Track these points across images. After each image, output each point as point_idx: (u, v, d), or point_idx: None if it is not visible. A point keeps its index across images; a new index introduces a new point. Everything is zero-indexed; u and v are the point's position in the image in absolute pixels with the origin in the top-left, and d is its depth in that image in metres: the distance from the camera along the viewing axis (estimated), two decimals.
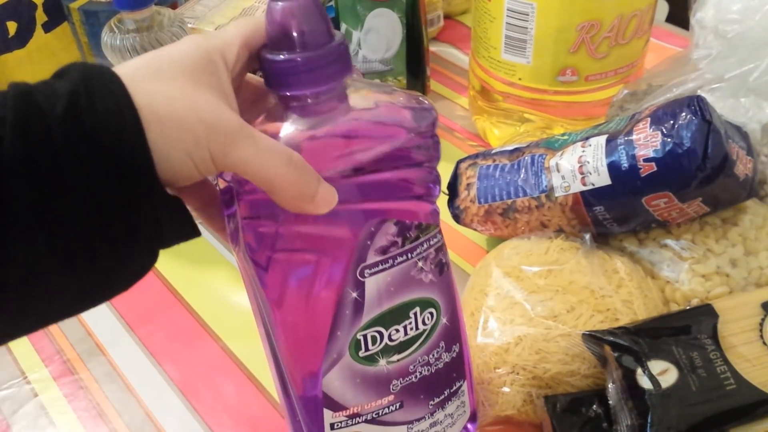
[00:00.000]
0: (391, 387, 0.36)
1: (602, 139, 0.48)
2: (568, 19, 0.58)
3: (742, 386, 0.40)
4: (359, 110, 0.33)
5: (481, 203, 0.54)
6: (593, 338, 0.43)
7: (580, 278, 0.47)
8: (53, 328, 0.56)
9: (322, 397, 0.35)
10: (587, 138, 0.50)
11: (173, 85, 0.27)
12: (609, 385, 0.42)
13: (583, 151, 0.49)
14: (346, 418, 0.36)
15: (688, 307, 0.46)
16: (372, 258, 0.33)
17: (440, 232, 0.36)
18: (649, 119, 0.47)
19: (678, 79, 0.55)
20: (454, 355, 0.38)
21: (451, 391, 0.39)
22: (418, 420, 0.38)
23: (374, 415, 0.36)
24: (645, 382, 0.40)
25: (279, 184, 0.28)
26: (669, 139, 0.45)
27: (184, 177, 0.27)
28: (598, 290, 0.46)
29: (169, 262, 0.61)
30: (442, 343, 0.37)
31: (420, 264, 0.34)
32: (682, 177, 0.45)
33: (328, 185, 0.30)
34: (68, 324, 0.56)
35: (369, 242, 0.32)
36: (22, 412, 0.50)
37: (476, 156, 0.57)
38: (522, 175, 0.52)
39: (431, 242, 0.35)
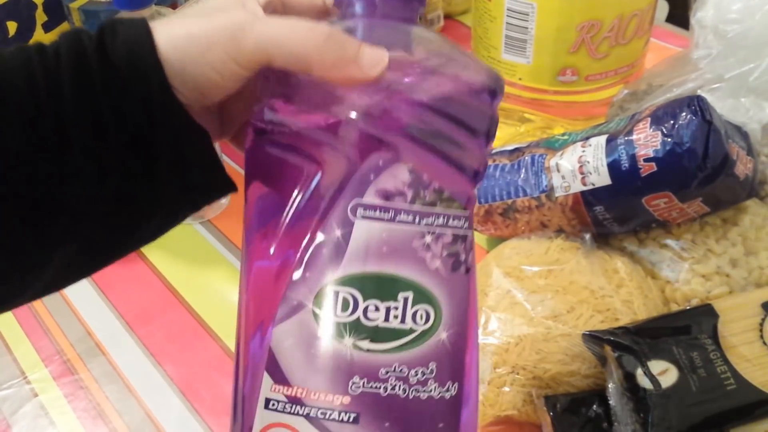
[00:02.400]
0: (350, 385, 0.28)
1: (602, 139, 0.48)
2: (568, 19, 0.58)
3: (742, 386, 0.39)
4: (420, 48, 0.30)
5: (481, 203, 0.53)
6: (593, 338, 0.43)
7: (580, 278, 0.47)
8: (53, 328, 0.56)
9: (267, 355, 0.28)
10: (587, 138, 0.50)
11: (193, 14, 0.28)
12: (609, 385, 0.42)
13: (584, 151, 0.49)
14: (285, 399, 0.28)
15: (688, 307, 0.46)
16: (370, 198, 0.28)
17: (468, 223, 0.30)
18: (649, 119, 0.47)
19: (678, 79, 0.55)
20: (447, 396, 0.29)
21: None
22: None
23: (319, 414, 0.28)
24: (645, 382, 0.40)
25: (310, 49, 0.27)
26: (669, 139, 0.45)
27: (209, 87, 0.27)
28: (599, 290, 0.46)
29: (168, 262, 0.61)
30: (433, 366, 0.29)
31: (428, 239, 0.29)
32: (682, 177, 0.45)
33: (373, 46, 0.27)
34: (68, 324, 0.56)
35: (372, 176, 0.28)
36: (22, 412, 0.50)
37: None
38: (522, 175, 0.52)
39: (450, 222, 0.29)
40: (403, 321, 0.29)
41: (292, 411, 0.28)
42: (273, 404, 0.28)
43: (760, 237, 0.48)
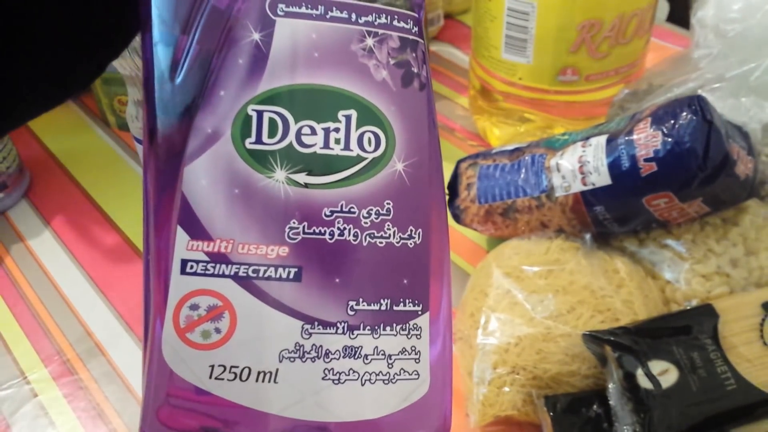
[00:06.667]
0: (286, 231, 0.23)
1: (603, 138, 0.48)
2: (568, 19, 0.58)
3: (742, 386, 0.39)
4: None
5: (482, 203, 0.53)
6: (594, 338, 0.43)
7: (580, 278, 0.47)
8: (53, 328, 0.56)
9: (180, 205, 0.22)
10: (588, 138, 0.50)
11: None
12: (609, 386, 0.42)
13: (584, 151, 0.49)
14: (207, 258, 0.22)
15: (688, 307, 0.46)
16: None
17: (419, 30, 0.25)
18: (649, 119, 0.47)
19: (679, 79, 0.55)
20: (411, 244, 0.24)
21: (394, 307, 0.24)
22: (324, 324, 0.23)
23: (250, 273, 0.23)
24: (645, 383, 0.40)
25: None
26: (670, 139, 0.45)
27: None
28: (599, 290, 0.46)
29: None
30: (389, 205, 0.24)
31: (369, 42, 0.24)
32: (682, 177, 0.45)
33: None
34: (68, 324, 0.56)
35: None
36: (22, 412, 0.50)
37: (476, 156, 0.57)
38: (522, 175, 0.52)
39: (394, 21, 0.24)
40: (347, 147, 0.23)
41: (216, 272, 0.22)
42: (191, 266, 0.22)
43: (760, 237, 0.48)
